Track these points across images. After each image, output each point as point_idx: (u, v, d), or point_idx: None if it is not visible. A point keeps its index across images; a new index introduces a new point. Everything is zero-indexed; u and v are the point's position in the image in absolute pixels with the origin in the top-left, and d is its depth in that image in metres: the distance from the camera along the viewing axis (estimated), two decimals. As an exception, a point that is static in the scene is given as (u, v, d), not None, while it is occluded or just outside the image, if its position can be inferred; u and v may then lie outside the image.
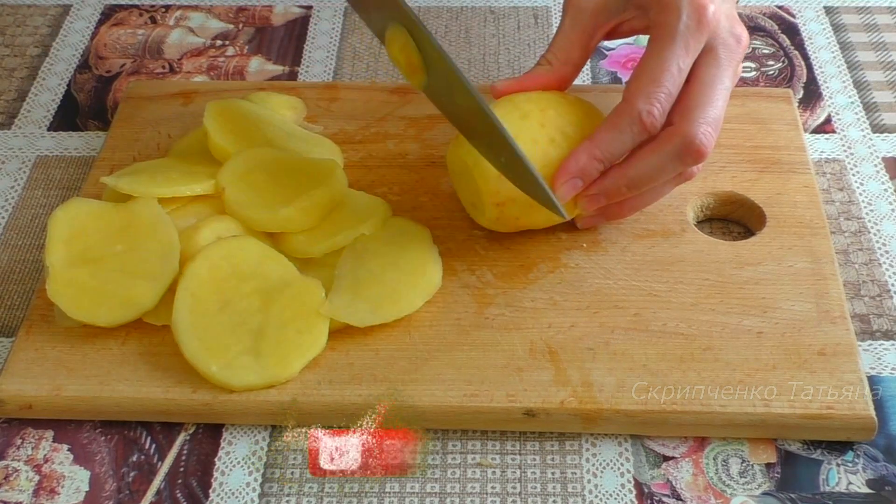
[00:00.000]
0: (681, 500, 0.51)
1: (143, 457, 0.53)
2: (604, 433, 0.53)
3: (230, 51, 0.77)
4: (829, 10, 0.80)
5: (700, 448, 0.53)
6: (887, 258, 0.62)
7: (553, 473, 0.52)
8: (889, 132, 0.70)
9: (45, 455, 0.53)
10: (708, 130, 0.53)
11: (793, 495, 0.51)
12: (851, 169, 0.67)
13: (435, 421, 0.53)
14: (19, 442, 0.54)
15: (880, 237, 0.63)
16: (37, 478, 0.52)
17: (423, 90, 0.56)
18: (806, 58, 0.76)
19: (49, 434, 0.54)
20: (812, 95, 0.73)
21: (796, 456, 0.53)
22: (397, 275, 0.57)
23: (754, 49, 0.77)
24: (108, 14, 0.81)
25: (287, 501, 0.51)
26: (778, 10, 0.80)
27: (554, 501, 0.51)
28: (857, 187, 0.66)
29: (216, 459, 0.53)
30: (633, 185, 0.55)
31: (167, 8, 0.82)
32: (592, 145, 0.54)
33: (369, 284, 0.56)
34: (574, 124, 0.56)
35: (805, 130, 0.69)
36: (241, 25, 0.80)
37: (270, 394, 0.53)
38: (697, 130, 0.53)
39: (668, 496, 0.51)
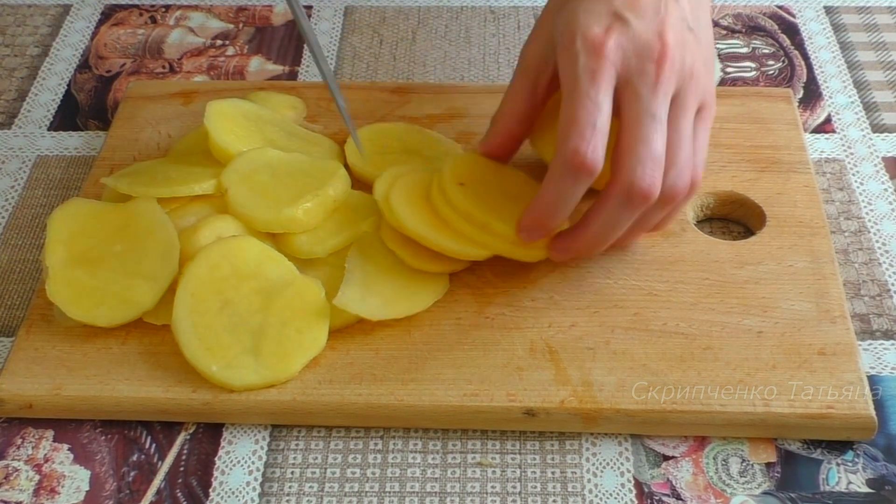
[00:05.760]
0: (681, 499, 0.51)
1: (143, 456, 0.53)
2: (604, 433, 0.53)
3: (230, 50, 0.77)
4: (829, 10, 0.80)
5: (700, 447, 0.53)
6: (887, 258, 0.62)
7: (553, 473, 0.52)
8: (889, 132, 0.70)
9: (45, 455, 0.53)
10: (645, 171, 0.51)
11: (793, 495, 0.51)
12: (851, 169, 0.67)
13: (435, 421, 0.53)
14: (19, 441, 0.54)
15: (880, 237, 0.63)
16: (37, 477, 0.52)
17: None
18: (806, 58, 0.76)
19: (49, 434, 0.54)
20: (812, 95, 0.73)
21: (796, 455, 0.53)
22: (406, 272, 0.57)
23: (754, 49, 0.77)
24: (108, 14, 0.81)
25: (287, 501, 0.51)
26: (778, 10, 0.80)
27: (554, 501, 0.51)
28: (857, 187, 0.66)
29: (216, 459, 0.53)
30: (596, 242, 0.55)
31: (167, 8, 0.82)
32: (532, 206, 0.54)
33: (379, 280, 0.56)
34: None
35: (805, 130, 0.69)
36: (241, 25, 0.80)
37: (270, 394, 0.53)
38: (633, 175, 0.51)
39: (668, 496, 0.51)
